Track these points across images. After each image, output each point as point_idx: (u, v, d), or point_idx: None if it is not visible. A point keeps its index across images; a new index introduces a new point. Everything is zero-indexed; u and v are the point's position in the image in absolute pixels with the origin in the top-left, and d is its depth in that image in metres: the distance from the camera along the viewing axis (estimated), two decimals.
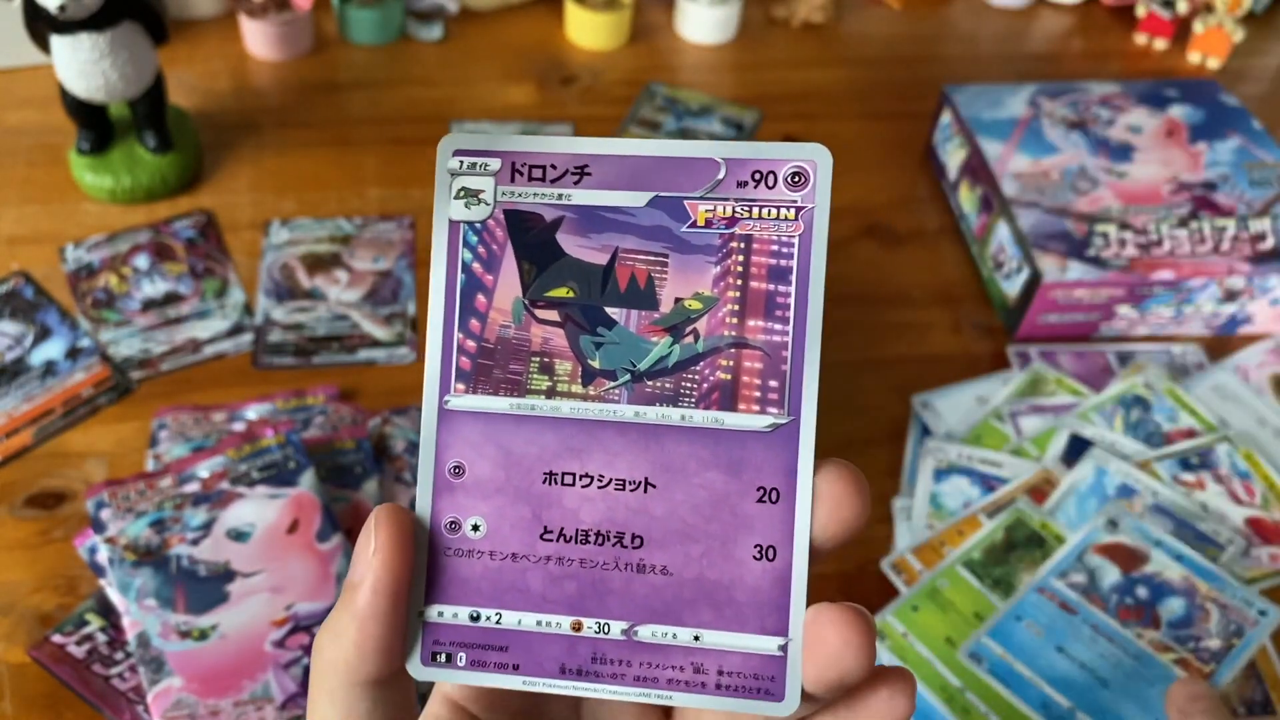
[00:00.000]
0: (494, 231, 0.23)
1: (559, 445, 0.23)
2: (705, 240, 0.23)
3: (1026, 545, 0.58)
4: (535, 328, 0.23)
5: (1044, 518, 0.59)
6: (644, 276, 0.23)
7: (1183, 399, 0.65)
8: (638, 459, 0.23)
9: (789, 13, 0.99)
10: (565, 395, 0.23)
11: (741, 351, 0.23)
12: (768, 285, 0.23)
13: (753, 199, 0.23)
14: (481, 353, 0.23)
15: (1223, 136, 0.78)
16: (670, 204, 0.23)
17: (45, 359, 0.66)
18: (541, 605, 0.23)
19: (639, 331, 0.23)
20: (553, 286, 0.23)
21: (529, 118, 0.86)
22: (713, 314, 0.23)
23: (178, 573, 0.50)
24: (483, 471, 0.24)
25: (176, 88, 0.83)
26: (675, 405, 0.23)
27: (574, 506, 0.23)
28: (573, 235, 0.23)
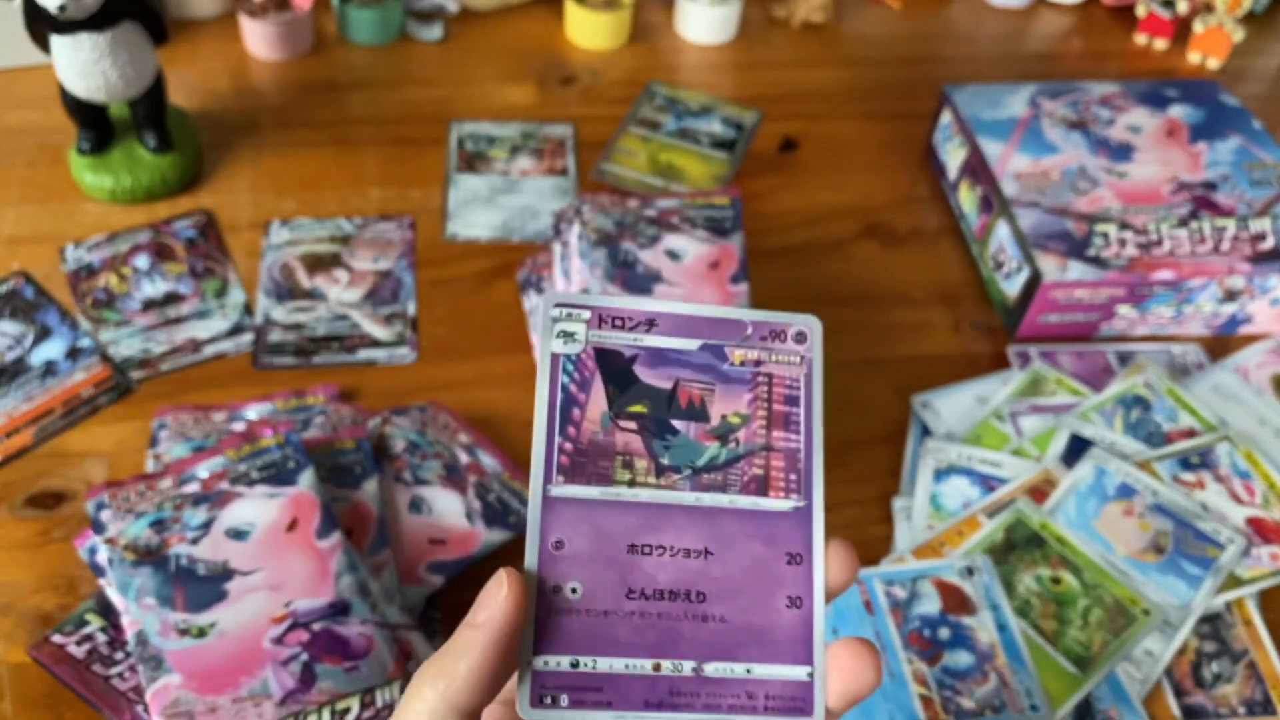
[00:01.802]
0: (586, 363, 0.31)
1: (639, 523, 0.31)
2: (740, 375, 0.32)
3: (1026, 545, 0.58)
4: (618, 434, 0.31)
5: (1044, 518, 0.59)
6: (698, 398, 0.32)
7: (1183, 399, 0.65)
8: (699, 533, 0.31)
9: (789, 13, 0.99)
10: (643, 485, 0.31)
11: (770, 454, 0.32)
12: (785, 408, 0.32)
13: (771, 348, 0.33)
14: (577, 452, 0.31)
15: (1223, 136, 0.78)
16: (715, 349, 0.32)
17: (45, 359, 0.66)
18: (628, 651, 0.30)
19: (696, 438, 0.32)
20: (631, 404, 0.32)
21: (529, 118, 0.86)
22: (747, 427, 0.32)
23: (177, 572, 0.50)
24: (579, 545, 0.30)
25: (176, 88, 0.83)
26: (724, 492, 0.31)
27: (652, 571, 0.30)
28: (645, 368, 0.32)
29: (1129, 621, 0.55)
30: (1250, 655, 0.56)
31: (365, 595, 0.50)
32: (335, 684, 0.47)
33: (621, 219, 0.65)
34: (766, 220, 0.79)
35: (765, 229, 0.78)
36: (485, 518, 0.58)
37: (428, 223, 0.77)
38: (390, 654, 0.49)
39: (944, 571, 0.57)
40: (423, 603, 0.54)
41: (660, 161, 0.83)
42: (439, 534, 0.57)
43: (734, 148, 0.85)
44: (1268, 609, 0.58)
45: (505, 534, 0.57)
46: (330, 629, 0.49)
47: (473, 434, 0.62)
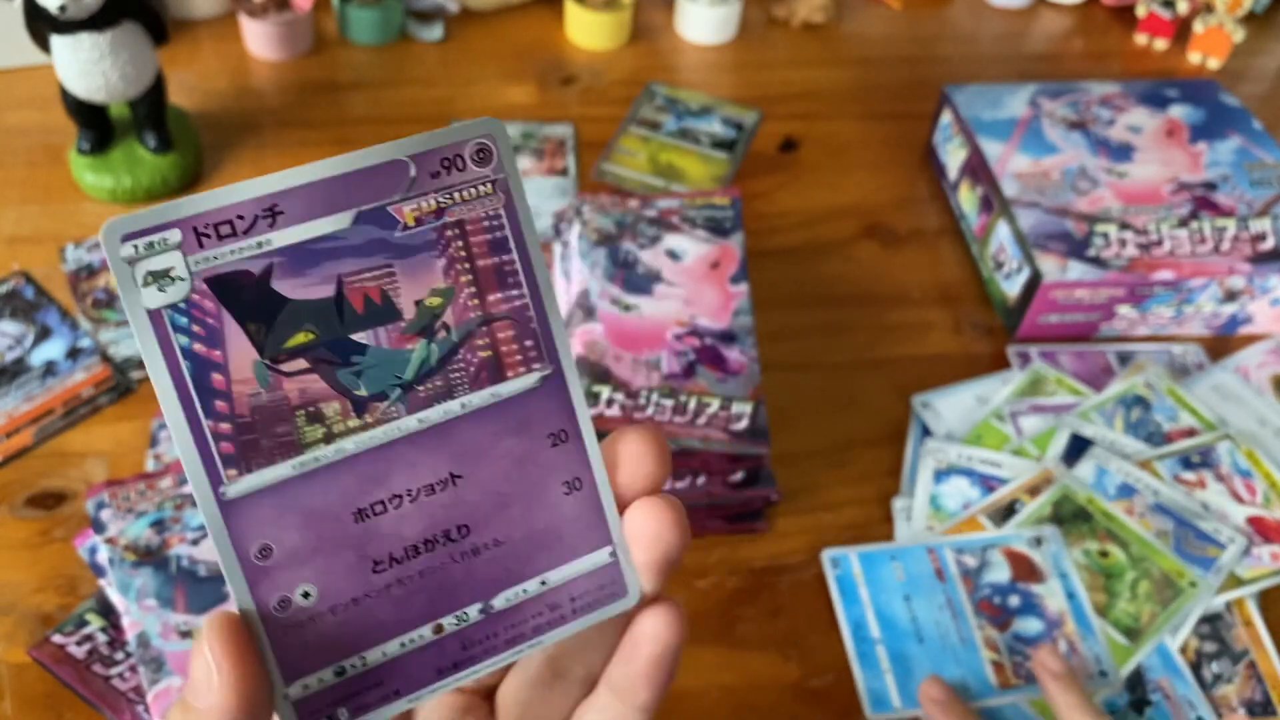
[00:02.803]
0: (202, 305, 0.22)
1: (357, 482, 0.23)
2: (422, 239, 0.23)
3: (1074, 520, 0.59)
4: (287, 383, 0.23)
5: (1090, 493, 0.60)
6: (377, 292, 0.23)
7: (1183, 398, 0.65)
8: (437, 459, 0.24)
9: (789, 13, 0.99)
10: (344, 434, 0.23)
11: (493, 326, 0.24)
12: (493, 259, 0.24)
13: (449, 185, 0.23)
14: (239, 429, 0.22)
15: (1223, 136, 0.78)
16: (376, 215, 0.23)
17: (45, 359, 0.66)
18: (398, 629, 0.24)
19: (392, 345, 0.23)
20: (289, 336, 0.23)
21: (529, 118, 0.86)
22: (455, 303, 0.23)
23: (178, 573, 0.50)
24: (290, 542, 0.23)
25: (176, 88, 0.83)
26: (452, 398, 0.24)
27: (393, 529, 0.24)
28: (289, 279, 0.22)
29: (1176, 593, 0.56)
30: (1250, 655, 0.56)
31: None
32: None
33: (622, 219, 0.65)
34: (766, 220, 0.79)
35: (765, 229, 0.78)
36: None
37: None
38: None
39: (1014, 541, 0.58)
40: None
41: (660, 161, 0.83)
42: None
43: (734, 148, 0.85)
44: (1268, 609, 0.58)
45: None
46: None
47: None
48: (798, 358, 0.70)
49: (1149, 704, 0.53)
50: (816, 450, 0.65)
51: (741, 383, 0.58)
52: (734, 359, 0.59)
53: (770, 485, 0.60)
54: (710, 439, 0.57)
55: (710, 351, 0.59)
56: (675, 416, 0.57)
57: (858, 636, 0.55)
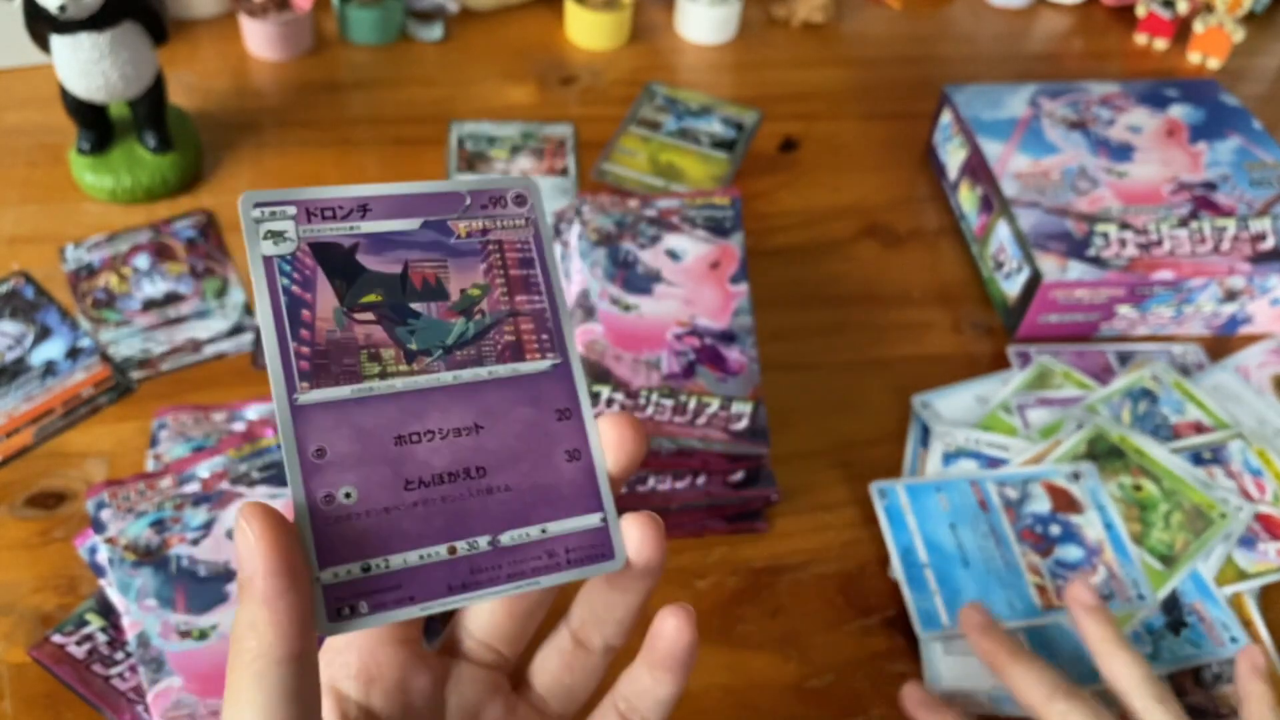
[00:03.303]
0: (303, 261, 0.29)
1: (400, 413, 0.30)
2: (469, 247, 0.31)
3: (1108, 457, 0.61)
4: (357, 328, 0.30)
5: (1123, 432, 0.62)
6: (433, 277, 0.31)
7: (1190, 392, 0.65)
8: (465, 410, 0.30)
9: (789, 13, 0.99)
10: (395, 374, 0.30)
11: (517, 319, 0.31)
12: (521, 271, 0.32)
13: (494, 215, 0.32)
14: (316, 354, 0.29)
15: (1223, 136, 0.78)
16: (437, 225, 0.31)
17: (45, 359, 0.66)
18: (419, 542, 0.29)
19: (440, 316, 0.31)
20: (363, 294, 0.30)
21: (529, 118, 0.86)
22: (489, 297, 0.31)
23: (178, 573, 0.50)
24: (342, 449, 0.29)
25: (176, 88, 0.83)
26: (481, 365, 0.31)
27: (425, 458, 0.29)
28: (369, 255, 0.30)
29: (1208, 524, 0.59)
30: None
31: None
32: None
33: (621, 219, 0.65)
34: (766, 220, 0.79)
35: (765, 229, 0.78)
36: None
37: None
38: None
39: (1052, 475, 0.61)
40: None
41: (660, 161, 0.83)
42: None
43: (734, 148, 0.85)
44: (1268, 608, 0.58)
45: None
46: None
47: None
48: (798, 358, 0.70)
49: (1185, 625, 0.56)
50: (816, 450, 0.65)
51: (741, 383, 0.58)
52: (734, 359, 0.59)
53: (770, 485, 0.60)
54: (710, 439, 0.57)
55: (710, 351, 0.59)
56: (675, 416, 0.57)
57: (906, 562, 0.58)
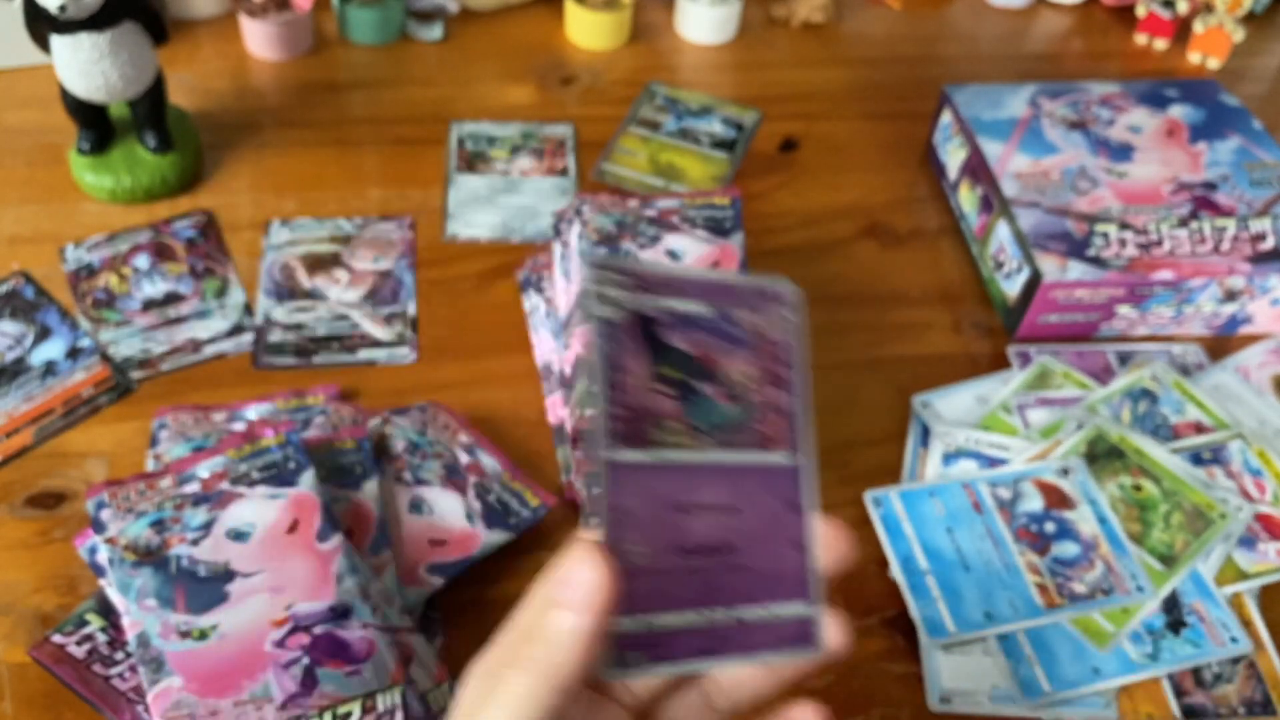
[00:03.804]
0: (627, 328, 0.32)
1: (682, 483, 0.32)
2: (743, 336, 0.34)
3: (1107, 457, 0.61)
4: (658, 399, 0.32)
5: (1123, 432, 0.62)
6: (717, 361, 0.34)
7: (1190, 392, 0.65)
8: (727, 489, 0.33)
9: (789, 13, 0.99)
10: (681, 446, 0.32)
11: (771, 413, 0.34)
12: (779, 368, 0.34)
13: (763, 311, 0.34)
14: (628, 418, 0.32)
15: (1223, 136, 0.78)
16: (728, 314, 0.34)
17: (45, 359, 0.66)
18: (683, 605, 0.32)
19: (716, 399, 0.33)
20: (667, 368, 0.33)
21: (529, 118, 0.86)
22: (753, 387, 0.34)
23: (178, 573, 0.50)
24: (637, 508, 0.32)
25: (176, 88, 0.83)
26: (744, 450, 0.34)
27: (694, 528, 0.32)
28: (674, 332, 0.33)
29: (1207, 524, 0.59)
30: (1250, 655, 0.56)
31: (366, 598, 0.50)
32: (336, 688, 0.47)
33: (621, 219, 0.65)
34: (766, 220, 0.79)
35: (765, 229, 0.78)
36: (485, 518, 0.58)
37: (428, 223, 0.77)
38: (392, 658, 0.49)
39: (1042, 473, 0.61)
40: (422, 603, 0.54)
41: (660, 161, 0.83)
42: (439, 535, 0.57)
43: (734, 148, 0.85)
44: (1267, 608, 0.58)
45: (505, 535, 0.57)
46: (332, 632, 0.49)
47: (473, 434, 0.62)
48: None
49: (1185, 625, 0.56)
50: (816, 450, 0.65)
51: None
52: None
53: None
54: None
55: None
56: None
57: (907, 569, 0.57)
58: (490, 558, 0.57)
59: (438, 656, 0.52)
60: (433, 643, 0.54)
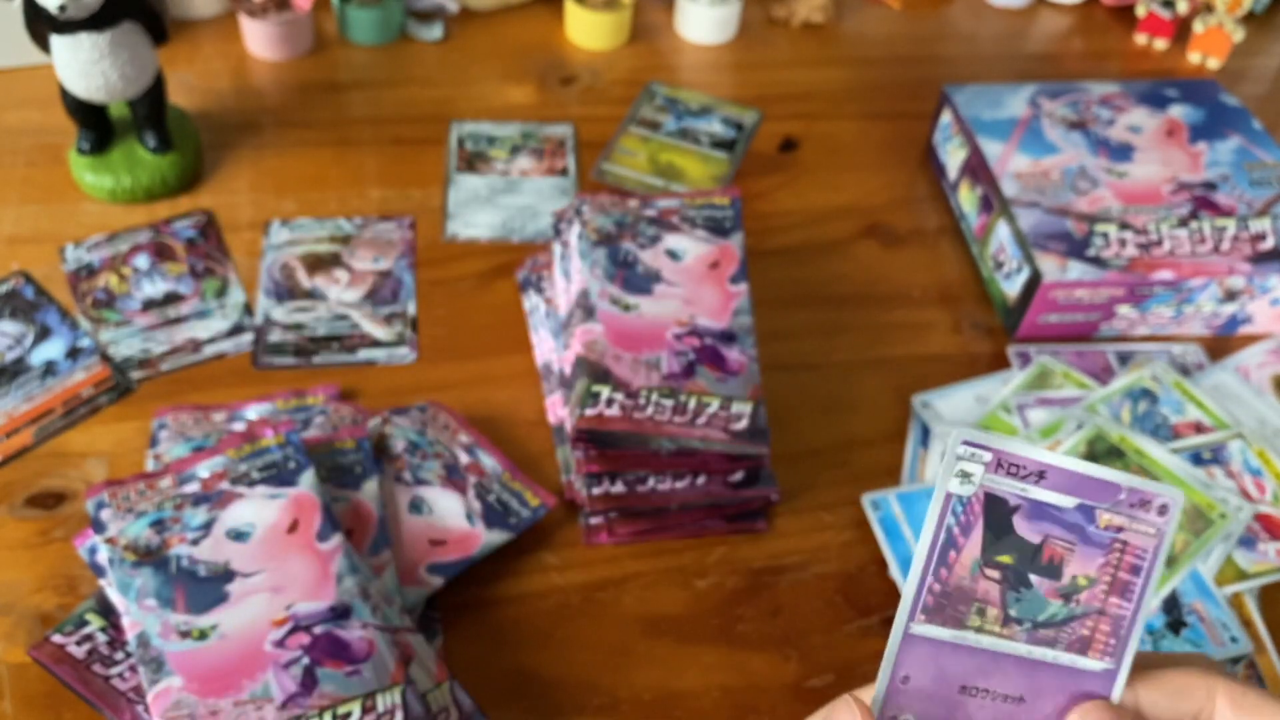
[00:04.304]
0: (974, 507, 0.32)
1: (975, 666, 0.33)
2: (1100, 539, 0.33)
3: (1107, 457, 0.61)
4: (982, 582, 0.32)
5: (1123, 432, 0.62)
6: (1059, 556, 0.33)
7: (1190, 392, 0.65)
8: (1020, 681, 0.33)
9: (789, 13, 0.99)
10: (987, 632, 0.33)
11: (1100, 617, 0.33)
12: (1129, 576, 0.33)
13: (1134, 516, 0.32)
14: (942, 594, 0.32)
15: (1223, 136, 0.78)
16: (1086, 510, 0.32)
17: (45, 359, 0.66)
18: None
19: (1044, 594, 0.33)
20: (1001, 553, 0.32)
21: (529, 118, 0.86)
22: (1091, 589, 0.33)
23: (177, 573, 0.50)
24: (921, 681, 0.32)
25: (176, 88, 0.83)
26: (1052, 647, 0.33)
27: (973, 711, 0.33)
28: (1023, 519, 0.32)
29: (1207, 524, 0.59)
30: (1250, 655, 0.56)
31: (367, 598, 0.50)
32: (336, 688, 0.47)
33: (621, 219, 0.65)
34: (766, 220, 0.79)
35: (765, 229, 0.78)
36: (485, 518, 0.58)
37: (428, 223, 0.77)
38: (391, 658, 0.49)
39: None
40: (422, 604, 0.54)
41: (660, 161, 0.83)
42: (439, 535, 0.57)
43: (734, 148, 0.85)
44: (1267, 608, 0.58)
45: (505, 535, 0.57)
46: (332, 632, 0.49)
47: (473, 434, 0.62)
48: (798, 358, 0.70)
49: (1185, 625, 0.56)
50: (816, 450, 0.65)
51: (741, 383, 0.58)
52: (733, 359, 0.59)
53: (770, 485, 0.60)
54: (710, 439, 0.57)
55: (710, 351, 0.59)
56: (675, 416, 0.57)
57: (907, 571, 0.57)
58: (490, 558, 0.57)
59: (438, 656, 0.52)
60: (433, 643, 0.54)
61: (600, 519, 0.60)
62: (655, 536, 0.60)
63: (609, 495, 0.58)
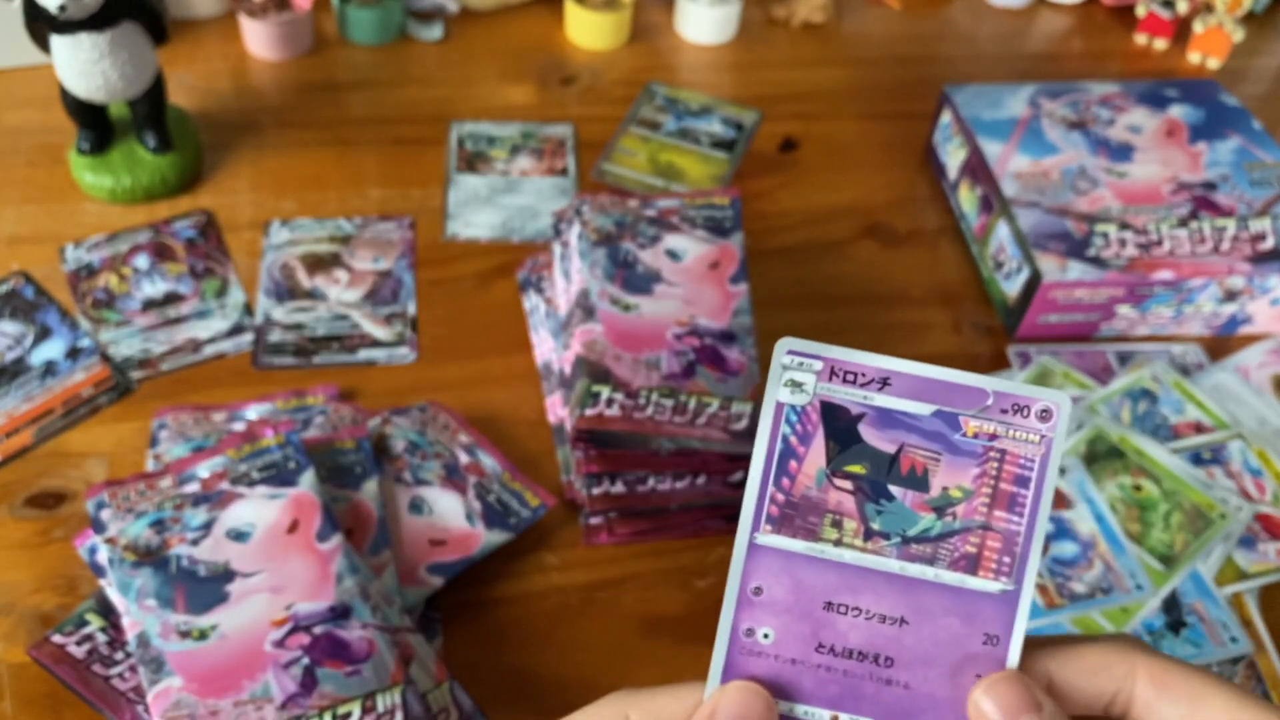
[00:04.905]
0: (810, 416, 0.31)
1: (838, 582, 0.31)
2: (970, 447, 0.31)
3: (1107, 457, 0.62)
4: (832, 492, 0.31)
5: (1123, 432, 0.62)
6: (921, 466, 0.31)
7: (1190, 392, 0.65)
8: (897, 601, 0.31)
9: (789, 13, 0.99)
10: (848, 546, 0.31)
11: (986, 533, 0.31)
12: (1013, 488, 0.31)
13: (1010, 423, 0.30)
14: (788, 505, 0.31)
15: (1223, 136, 0.78)
16: (948, 417, 0.30)
17: (45, 359, 0.66)
18: (810, 700, 0.31)
19: (911, 506, 0.31)
20: (850, 463, 0.31)
21: (529, 118, 0.86)
22: (968, 502, 0.31)
23: (177, 573, 0.50)
24: (777, 594, 0.31)
25: (176, 88, 0.83)
26: (931, 565, 0.31)
27: (844, 630, 0.31)
28: (870, 428, 0.30)
29: (1207, 524, 0.59)
30: (1250, 655, 0.56)
31: (366, 598, 0.50)
32: (336, 688, 0.47)
33: (621, 219, 0.65)
34: (766, 220, 0.79)
35: (765, 229, 0.78)
36: (485, 519, 0.58)
37: (428, 223, 0.77)
38: (391, 658, 0.49)
39: None
40: (422, 604, 0.54)
41: (660, 161, 0.83)
42: (439, 535, 0.57)
43: (734, 148, 0.85)
44: (1267, 609, 0.58)
45: (505, 535, 0.57)
46: (331, 632, 0.49)
47: (473, 434, 0.62)
48: None
49: (1185, 625, 0.57)
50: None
51: (741, 383, 0.58)
52: (734, 359, 0.59)
53: None
54: (710, 439, 0.57)
55: (710, 351, 0.59)
56: (675, 416, 0.57)
57: None
58: (490, 558, 0.57)
59: (438, 656, 0.52)
60: (433, 643, 0.54)
61: (600, 519, 0.60)
62: (655, 536, 0.60)
63: (609, 495, 0.58)
